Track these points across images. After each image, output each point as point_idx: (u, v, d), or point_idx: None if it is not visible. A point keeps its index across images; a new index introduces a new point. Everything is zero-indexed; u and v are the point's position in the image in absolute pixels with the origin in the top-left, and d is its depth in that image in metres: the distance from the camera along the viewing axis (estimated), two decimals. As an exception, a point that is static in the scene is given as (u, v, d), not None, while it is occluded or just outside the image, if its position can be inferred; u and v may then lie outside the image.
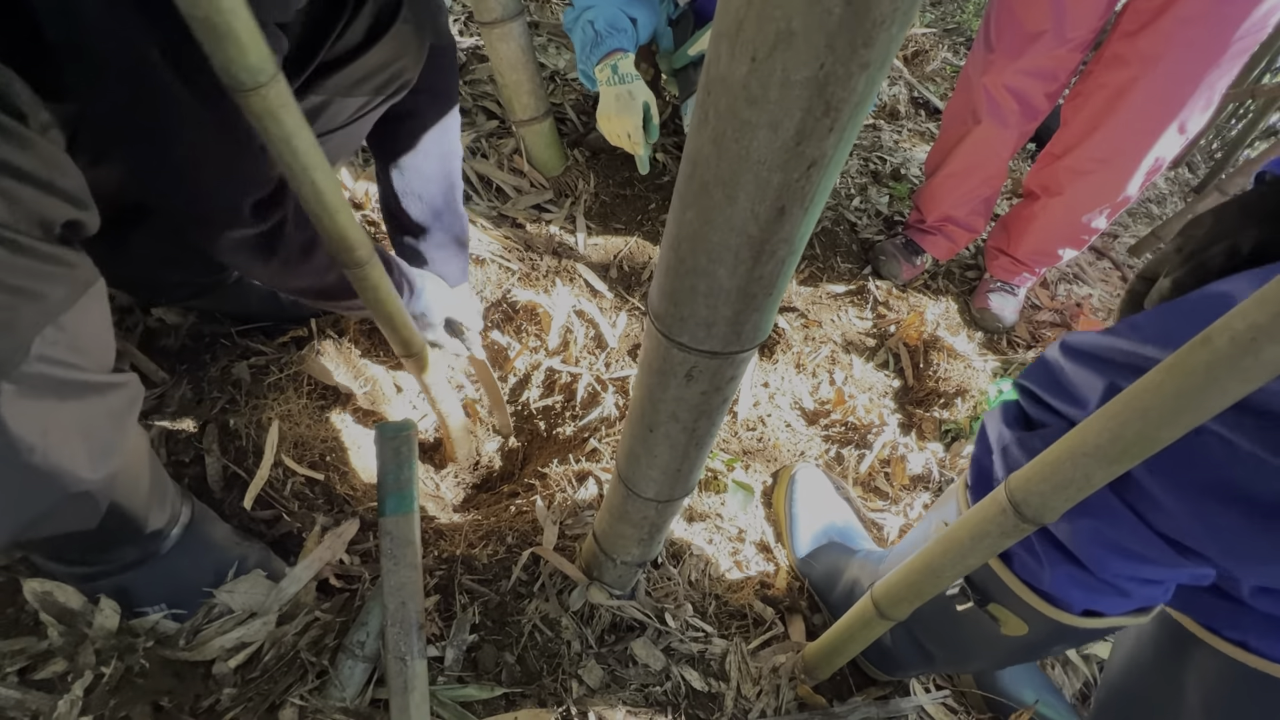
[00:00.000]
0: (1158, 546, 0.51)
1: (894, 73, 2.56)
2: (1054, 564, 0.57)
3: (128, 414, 0.52)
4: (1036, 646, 0.67)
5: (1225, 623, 0.57)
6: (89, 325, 0.46)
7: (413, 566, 0.71)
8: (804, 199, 0.30)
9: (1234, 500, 0.45)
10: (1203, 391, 0.37)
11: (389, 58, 0.67)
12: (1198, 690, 0.61)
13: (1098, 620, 0.60)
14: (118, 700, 0.56)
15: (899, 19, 0.23)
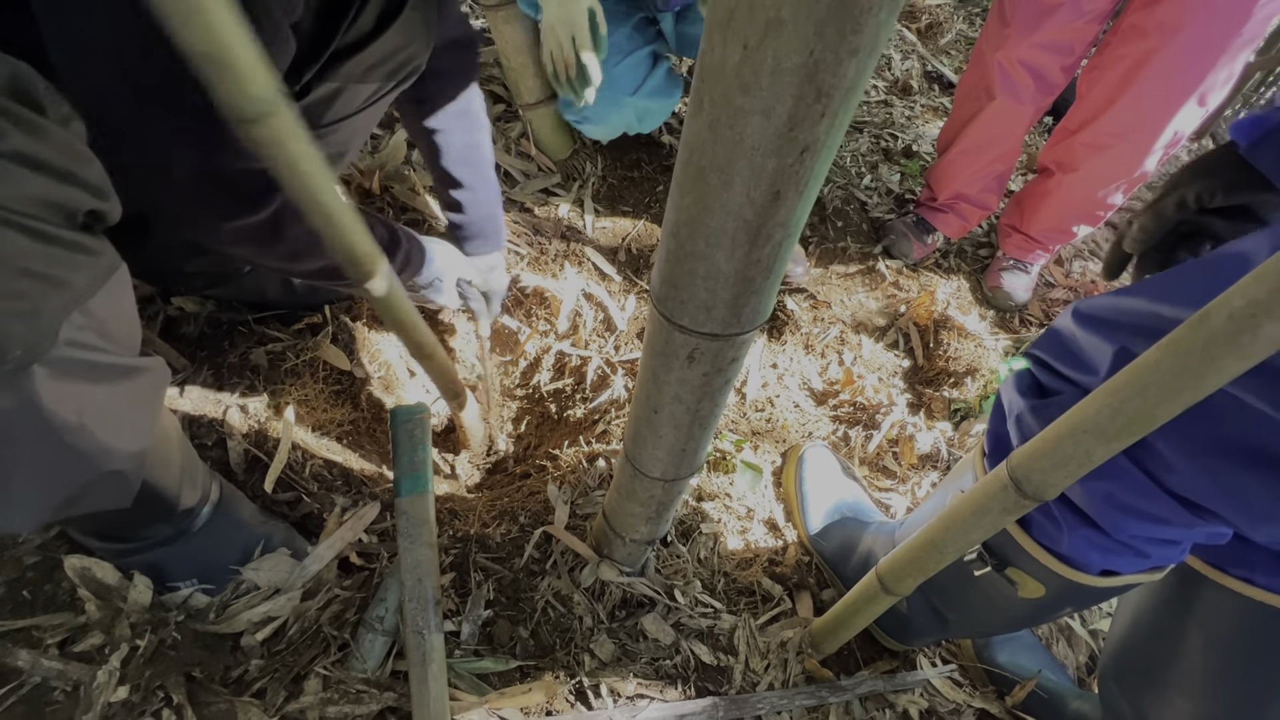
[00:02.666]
0: (1171, 507, 0.51)
1: (907, 46, 2.51)
2: (1071, 527, 0.58)
3: (155, 395, 0.53)
4: (1051, 607, 0.68)
5: (1232, 560, 0.59)
6: (115, 310, 0.47)
7: (428, 545, 0.73)
8: (799, 183, 0.30)
9: (1244, 458, 0.46)
10: (1201, 369, 0.38)
11: (399, 44, 0.67)
12: (1205, 628, 0.62)
13: (1114, 579, 0.61)
14: (152, 671, 0.59)
15: (887, 5, 0.23)
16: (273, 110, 0.43)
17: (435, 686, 0.65)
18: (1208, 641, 0.63)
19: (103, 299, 0.45)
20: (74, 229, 0.43)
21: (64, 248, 0.42)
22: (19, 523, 0.47)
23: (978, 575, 0.65)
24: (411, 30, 0.68)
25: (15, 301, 0.38)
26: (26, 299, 0.39)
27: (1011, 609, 0.69)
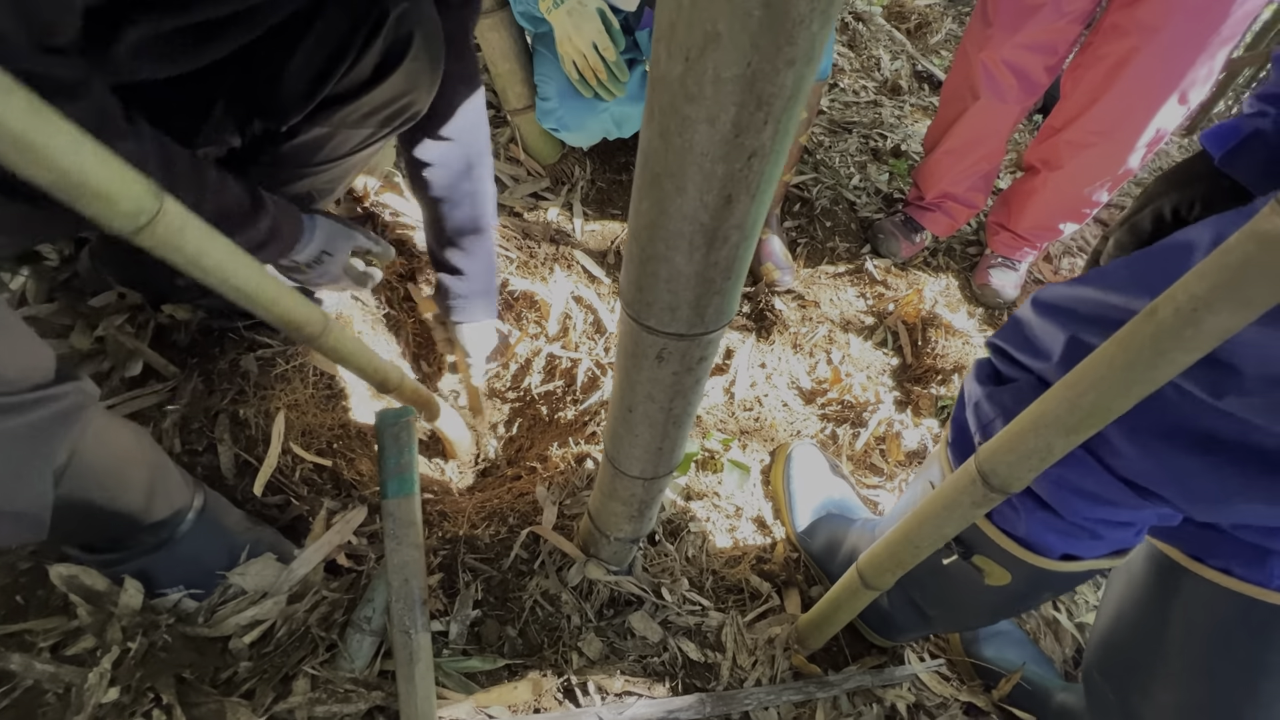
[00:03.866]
0: (1119, 490, 0.52)
1: (896, 46, 2.52)
2: (1028, 511, 0.59)
3: (59, 427, 0.50)
4: (1023, 595, 0.70)
5: (1209, 551, 0.60)
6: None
7: (415, 546, 0.74)
8: (750, 187, 0.31)
9: (1186, 443, 0.47)
10: (1152, 362, 0.39)
11: (398, 92, 0.67)
12: (1185, 619, 0.63)
13: (1075, 564, 0.62)
14: (143, 672, 0.60)
15: (818, 18, 0.24)
16: (152, 218, 0.41)
17: (422, 685, 0.66)
18: (1188, 632, 0.64)
19: None
20: None
21: None
22: None
23: (946, 564, 0.66)
24: (413, 79, 0.68)
25: None
26: None
27: (983, 598, 0.70)
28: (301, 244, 0.73)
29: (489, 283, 1.03)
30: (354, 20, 0.59)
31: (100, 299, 0.87)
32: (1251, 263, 0.33)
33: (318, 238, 0.75)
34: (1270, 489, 0.45)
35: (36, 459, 0.48)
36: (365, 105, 0.65)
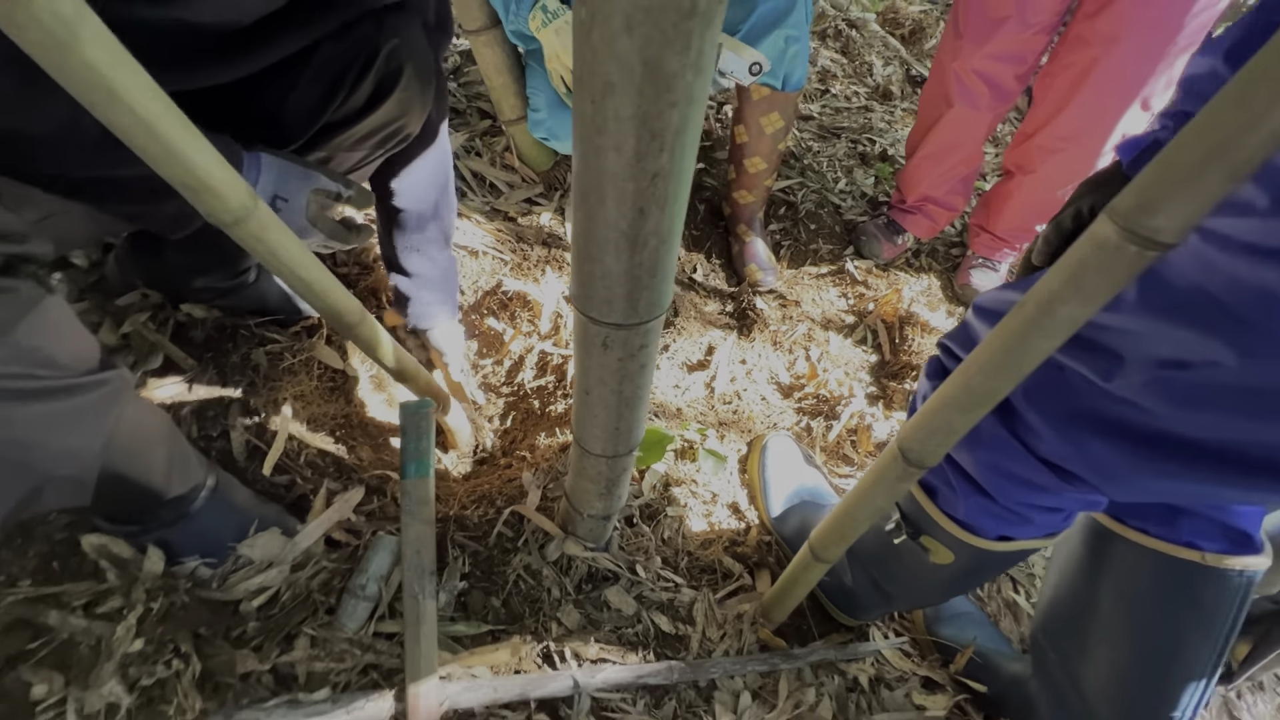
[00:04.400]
0: (1043, 473, 0.58)
1: (890, 52, 2.58)
2: (965, 495, 0.65)
3: (105, 407, 0.57)
4: (967, 573, 0.76)
5: (1129, 512, 0.66)
6: (46, 338, 0.51)
7: (427, 522, 0.82)
8: (659, 201, 0.38)
9: (1091, 425, 0.53)
10: (1020, 347, 0.45)
11: (390, 118, 0.72)
12: (1115, 579, 0.69)
13: (1010, 544, 0.68)
14: (164, 628, 0.67)
15: (689, 72, 0.31)
16: (248, 214, 0.51)
17: (426, 644, 0.73)
18: (1116, 591, 0.70)
19: (27, 330, 0.49)
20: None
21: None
22: None
23: (897, 543, 0.72)
24: (404, 106, 0.73)
25: None
26: None
27: (932, 576, 0.76)
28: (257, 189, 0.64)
29: (452, 287, 1.06)
30: (348, 57, 0.66)
31: (126, 298, 0.95)
32: (1089, 263, 0.40)
33: (265, 179, 0.65)
34: (1164, 466, 0.51)
35: (86, 433, 0.56)
36: (360, 131, 0.71)
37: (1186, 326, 0.43)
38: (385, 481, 0.94)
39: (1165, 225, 0.36)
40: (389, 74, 0.69)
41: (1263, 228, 0.38)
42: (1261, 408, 0.43)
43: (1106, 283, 0.39)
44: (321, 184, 0.69)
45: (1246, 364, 0.41)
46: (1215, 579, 0.62)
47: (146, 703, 0.62)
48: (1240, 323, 0.40)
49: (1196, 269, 0.41)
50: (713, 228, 1.57)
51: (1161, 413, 0.49)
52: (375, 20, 0.67)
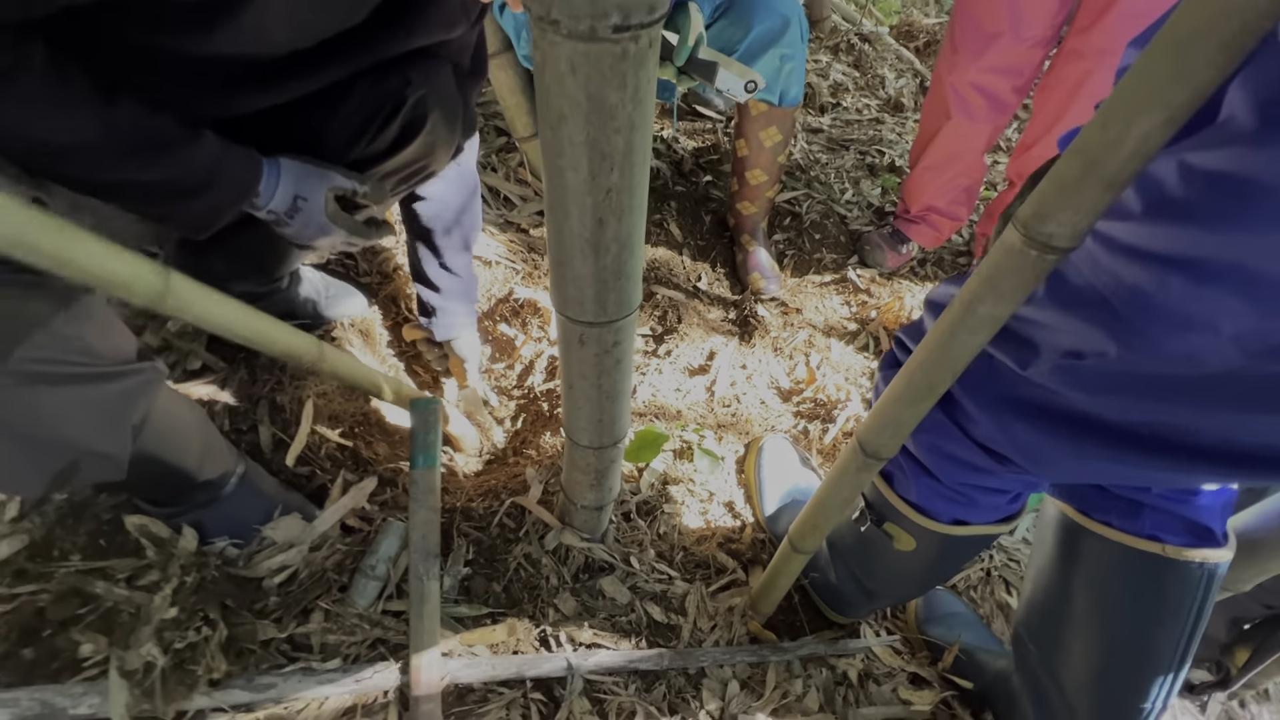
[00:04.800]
0: (978, 454, 0.62)
1: (903, 64, 2.61)
2: (915, 476, 0.69)
3: (142, 392, 0.63)
4: (934, 560, 0.78)
5: (1094, 506, 0.68)
6: (80, 329, 0.56)
7: (433, 510, 0.88)
8: (615, 212, 0.44)
9: (1015, 409, 0.57)
10: (951, 343, 0.49)
11: (415, 158, 0.78)
12: (1084, 572, 0.71)
13: (966, 529, 0.71)
14: (196, 598, 0.75)
15: (629, 104, 0.37)
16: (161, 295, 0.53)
17: (429, 622, 0.79)
18: (1086, 584, 0.72)
19: (64, 321, 0.54)
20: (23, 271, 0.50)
21: (12, 287, 0.51)
22: (22, 489, 0.60)
23: (863, 531, 0.76)
24: (428, 148, 0.78)
25: None
26: None
27: (903, 564, 0.79)
28: (265, 188, 0.69)
29: (473, 298, 1.14)
30: (377, 104, 0.72)
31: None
32: (1000, 266, 0.44)
33: (284, 181, 0.70)
34: (1078, 446, 0.54)
35: (121, 416, 0.63)
36: (386, 169, 0.78)
37: (1080, 319, 0.47)
38: (396, 473, 1.01)
39: (1058, 231, 0.40)
40: (414, 120, 0.74)
41: (1137, 231, 0.42)
42: (1142, 391, 0.47)
43: (1017, 283, 0.44)
44: (337, 182, 0.73)
45: (1124, 355, 0.45)
46: (1177, 571, 0.65)
47: (179, 663, 0.69)
48: (1118, 317, 0.44)
49: (1089, 267, 0.45)
50: (718, 238, 1.63)
51: (1070, 396, 0.53)
52: (404, 69, 0.73)
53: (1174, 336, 0.42)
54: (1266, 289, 0.37)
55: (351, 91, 0.71)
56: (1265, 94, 0.35)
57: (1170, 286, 0.41)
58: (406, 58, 0.73)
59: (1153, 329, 0.43)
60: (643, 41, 0.34)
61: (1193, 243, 0.40)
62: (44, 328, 0.53)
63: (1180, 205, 0.40)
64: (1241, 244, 0.38)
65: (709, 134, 1.89)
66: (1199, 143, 0.39)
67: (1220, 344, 0.41)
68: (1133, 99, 0.35)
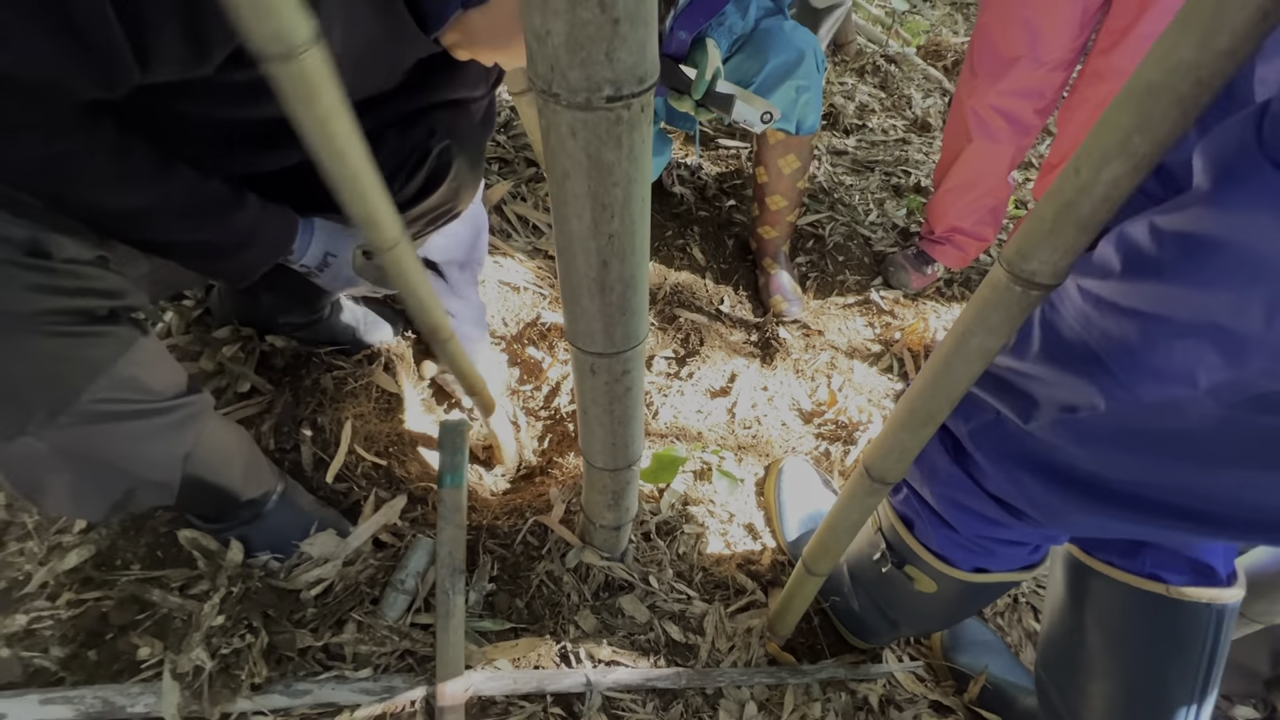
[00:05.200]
0: (994, 508, 0.63)
1: (930, 84, 2.61)
2: (935, 527, 0.70)
3: (189, 424, 0.68)
4: (955, 603, 0.79)
5: (1096, 545, 0.69)
6: (141, 370, 0.61)
7: (459, 527, 0.93)
8: (618, 255, 0.48)
9: (1023, 462, 0.57)
10: (946, 373, 0.51)
11: (440, 203, 0.84)
12: (1094, 612, 0.71)
13: (987, 576, 0.72)
14: (240, 607, 0.80)
15: (625, 161, 0.41)
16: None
17: (454, 635, 0.83)
18: (1099, 625, 0.72)
19: (125, 364, 0.59)
20: (90, 323, 0.56)
21: (80, 338, 0.56)
22: (88, 514, 0.66)
23: (884, 572, 0.77)
24: (453, 193, 0.84)
25: (42, 380, 0.54)
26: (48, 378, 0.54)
27: (923, 604, 0.80)
28: (299, 245, 0.76)
29: (484, 323, 1.21)
30: (403, 157, 0.78)
31: (222, 331, 1.13)
32: (988, 301, 0.46)
33: (317, 240, 0.77)
34: (1085, 502, 0.55)
35: (172, 446, 0.69)
36: (412, 214, 0.83)
37: (1073, 374, 0.48)
38: (427, 491, 1.05)
39: (1039, 269, 0.42)
40: (439, 168, 0.80)
41: (1118, 288, 0.44)
42: (1137, 446, 0.48)
43: (1004, 318, 0.46)
44: (365, 240, 0.76)
45: (1112, 408, 0.46)
46: (1184, 612, 0.64)
47: (224, 668, 0.74)
48: (1106, 371, 0.45)
49: (1081, 324, 0.47)
50: (740, 261, 1.65)
51: (1073, 451, 0.54)
52: (429, 120, 0.78)
53: (1155, 388, 0.44)
54: (1237, 342, 0.39)
55: (379, 144, 0.77)
56: (1217, 159, 0.37)
57: (1150, 340, 0.42)
58: (430, 109, 0.79)
59: (1135, 381, 0.44)
60: (634, 108, 0.38)
61: (1166, 299, 0.41)
62: (107, 372, 0.59)
63: (1154, 264, 0.42)
64: (1210, 299, 0.39)
65: (732, 159, 1.93)
66: (1168, 207, 0.41)
67: (1198, 396, 0.42)
68: (1102, 147, 0.37)
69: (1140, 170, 0.36)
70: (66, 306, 0.55)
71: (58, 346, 0.55)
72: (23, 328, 0.52)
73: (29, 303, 0.52)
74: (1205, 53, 0.32)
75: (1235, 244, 0.37)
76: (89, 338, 0.57)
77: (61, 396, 0.57)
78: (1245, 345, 0.38)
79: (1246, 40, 0.32)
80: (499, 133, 1.77)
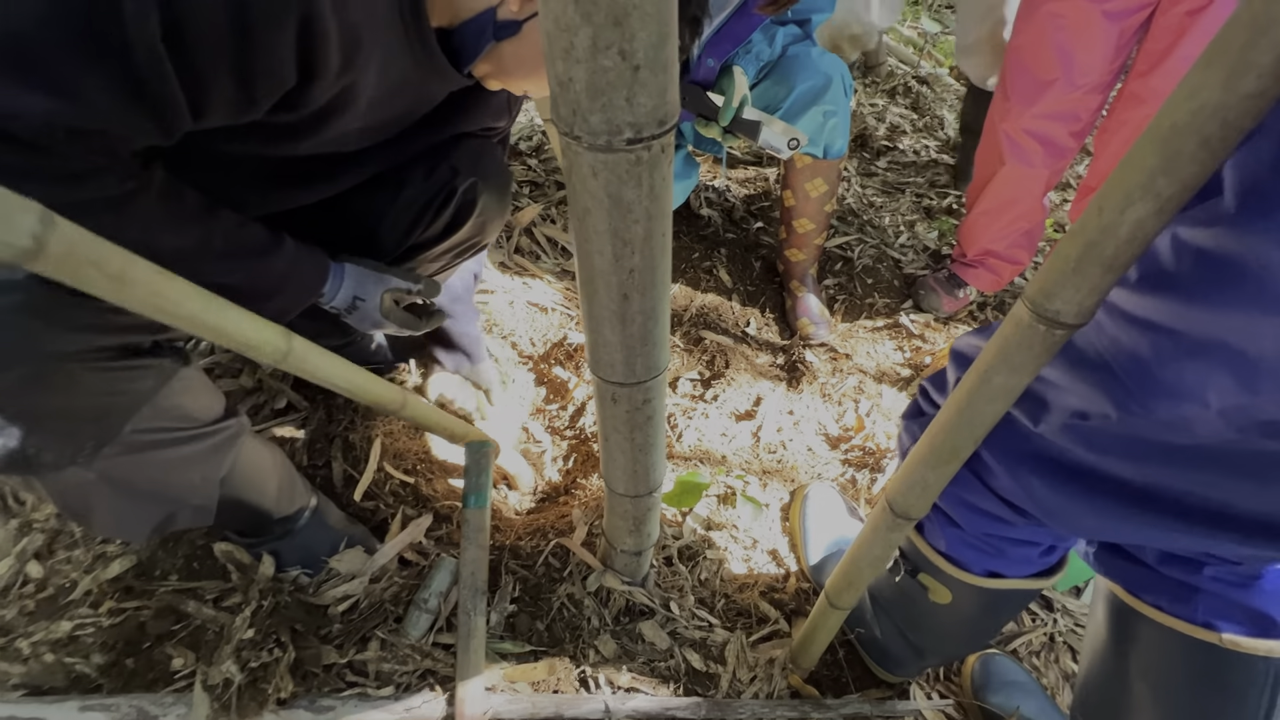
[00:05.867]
0: (999, 505, 0.61)
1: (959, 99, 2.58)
2: (942, 526, 0.68)
3: (227, 448, 0.71)
4: (973, 615, 0.76)
5: (1142, 587, 0.65)
6: (181, 399, 0.64)
7: (482, 547, 0.94)
8: (639, 289, 0.48)
9: (1030, 463, 0.56)
10: (969, 410, 0.50)
11: (468, 236, 0.88)
12: (1139, 658, 0.68)
13: (1001, 582, 0.69)
14: (270, 621, 0.82)
15: (645, 199, 0.42)
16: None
17: (475, 657, 0.84)
18: (1144, 672, 0.68)
19: (167, 394, 0.62)
20: (135, 356, 0.59)
21: (126, 372, 0.58)
22: (133, 537, 0.69)
23: (898, 580, 0.75)
24: (481, 226, 0.87)
25: (90, 413, 0.57)
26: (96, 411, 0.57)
27: (941, 618, 0.77)
28: (329, 290, 0.78)
29: (482, 345, 1.23)
30: (429, 197, 0.81)
31: (261, 350, 1.17)
32: (1011, 340, 0.45)
33: (346, 284, 0.78)
34: (1094, 503, 0.53)
35: (211, 469, 0.72)
36: (441, 248, 0.86)
37: (1084, 382, 0.47)
38: (452, 510, 1.07)
39: (1063, 309, 0.41)
40: (465, 205, 0.83)
41: (1132, 298, 0.43)
42: (1146, 455, 0.46)
43: (1028, 356, 0.45)
44: (393, 285, 0.82)
45: (1123, 419, 0.45)
46: (1238, 664, 0.60)
47: (252, 681, 0.76)
48: (1117, 381, 0.44)
49: (1093, 331, 0.46)
50: (768, 283, 1.65)
51: (1081, 454, 0.52)
52: (452, 158, 0.81)
53: (1166, 404, 0.42)
54: (1249, 367, 0.37)
55: (405, 184, 0.80)
56: (1246, 178, 0.36)
57: (1163, 355, 0.41)
58: (455, 142, 0.82)
59: (1147, 395, 0.43)
60: (654, 149, 0.39)
61: (1181, 315, 0.40)
62: (150, 402, 0.62)
63: (1171, 277, 0.41)
64: (1224, 322, 0.38)
65: (760, 182, 1.93)
66: (1192, 218, 0.40)
67: (1209, 416, 0.40)
68: (1125, 188, 0.37)
69: (1166, 212, 0.36)
70: (113, 344, 0.57)
71: (105, 381, 0.57)
72: (72, 364, 0.55)
73: (77, 341, 0.55)
74: (1231, 94, 0.32)
75: (1255, 269, 0.36)
76: (134, 371, 0.60)
77: (108, 428, 0.59)
78: (1258, 371, 0.37)
79: (1276, 81, 0.32)
80: (530, 156, 1.81)
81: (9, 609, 0.87)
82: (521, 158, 1.79)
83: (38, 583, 0.90)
